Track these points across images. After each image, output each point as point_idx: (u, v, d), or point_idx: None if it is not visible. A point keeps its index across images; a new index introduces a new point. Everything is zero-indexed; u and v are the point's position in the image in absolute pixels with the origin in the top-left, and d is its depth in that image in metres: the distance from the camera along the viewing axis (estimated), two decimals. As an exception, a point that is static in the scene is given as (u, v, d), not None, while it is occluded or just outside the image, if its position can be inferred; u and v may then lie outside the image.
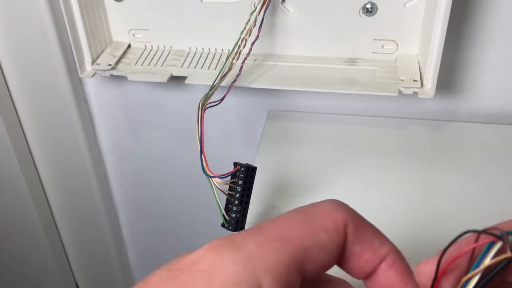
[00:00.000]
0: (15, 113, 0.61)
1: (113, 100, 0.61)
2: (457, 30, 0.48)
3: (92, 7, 0.51)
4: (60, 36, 0.54)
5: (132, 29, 0.54)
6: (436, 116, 0.54)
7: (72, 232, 0.75)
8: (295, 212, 0.22)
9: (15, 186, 0.65)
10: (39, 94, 0.59)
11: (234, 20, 0.49)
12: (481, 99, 0.53)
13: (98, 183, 0.68)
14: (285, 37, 0.51)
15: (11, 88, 0.59)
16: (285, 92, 0.55)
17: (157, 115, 0.61)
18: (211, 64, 0.51)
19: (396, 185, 0.45)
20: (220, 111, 0.55)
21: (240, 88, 0.51)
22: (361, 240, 0.22)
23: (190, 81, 0.50)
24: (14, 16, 0.53)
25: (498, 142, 0.50)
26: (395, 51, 0.49)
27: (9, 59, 0.57)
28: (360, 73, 0.49)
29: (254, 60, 0.51)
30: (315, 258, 0.21)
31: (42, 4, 0.51)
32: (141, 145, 0.65)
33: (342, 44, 0.50)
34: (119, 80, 0.58)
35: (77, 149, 0.64)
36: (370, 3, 0.47)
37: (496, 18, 0.47)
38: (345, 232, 0.21)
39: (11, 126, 0.61)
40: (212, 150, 0.54)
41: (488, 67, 0.50)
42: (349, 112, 0.55)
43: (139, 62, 0.52)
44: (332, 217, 0.21)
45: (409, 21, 0.47)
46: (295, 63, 0.51)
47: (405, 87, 0.46)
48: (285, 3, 0.49)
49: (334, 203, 0.22)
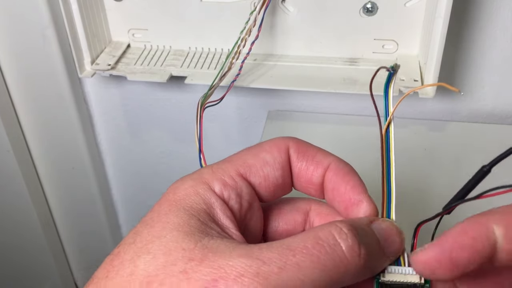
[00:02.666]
0: (14, 113, 0.61)
1: (113, 100, 0.61)
2: (457, 30, 0.48)
3: (91, 7, 0.51)
4: (60, 36, 0.54)
5: (131, 29, 0.53)
6: (436, 116, 0.54)
7: (72, 232, 0.75)
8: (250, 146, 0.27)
9: (15, 186, 0.65)
10: (38, 94, 0.59)
11: (234, 20, 0.49)
12: (481, 99, 0.52)
13: (97, 183, 0.68)
14: (285, 37, 0.51)
15: (10, 88, 0.59)
16: (285, 92, 0.55)
17: (156, 115, 0.61)
18: (210, 64, 0.51)
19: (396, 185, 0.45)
20: (220, 111, 0.55)
21: (240, 88, 0.51)
22: (304, 157, 0.26)
23: (189, 81, 0.50)
24: (13, 16, 0.53)
25: (498, 142, 0.50)
26: (396, 51, 0.49)
27: (8, 59, 0.56)
28: (360, 73, 0.49)
29: (254, 60, 0.51)
30: (259, 172, 0.26)
31: (42, 4, 0.51)
32: (141, 145, 0.65)
33: (342, 44, 0.50)
34: (118, 80, 0.58)
35: (76, 149, 0.64)
36: (371, 3, 0.47)
37: (497, 18, 0.47)
38: (287, 152, 0.26)
39: (10, 126, 0.60)
40: (211, 150, 0.54)
41: (489, 67, 0.50)
42: (349, 112, 0.55)
43: (138, 62, 0.52)
44: (274, 142, 0.26)
45: (410, 21, 0.47)
46: (295, 63, 0.51)
47: (406, 87, 0.46)
48: (285, 3, 0.48)
49: (281, 137, 0.27)
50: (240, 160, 0.26)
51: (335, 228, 0.21)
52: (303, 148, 0.26)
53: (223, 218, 0.24)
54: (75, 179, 0.68)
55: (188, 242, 0.21)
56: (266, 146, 0.27)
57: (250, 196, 0.25)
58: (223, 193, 0.24)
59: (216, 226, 0.23)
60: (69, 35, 0.50)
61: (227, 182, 0.25)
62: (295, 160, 0.26)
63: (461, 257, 0.20)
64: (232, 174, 0.25)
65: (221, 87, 0.46)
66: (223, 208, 0.24)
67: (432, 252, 0.21)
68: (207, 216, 0.23)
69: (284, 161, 0.26)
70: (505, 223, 0.21)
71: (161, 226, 0.23)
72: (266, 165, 0.26)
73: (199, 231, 0.22)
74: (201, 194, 0.24)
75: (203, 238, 0.22)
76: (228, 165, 0.26)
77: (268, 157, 0.26)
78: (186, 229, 0.22)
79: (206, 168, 0.26)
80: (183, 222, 0.22)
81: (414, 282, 0.23)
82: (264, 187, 0.26)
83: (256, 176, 0.26)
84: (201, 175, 0.25)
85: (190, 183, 0.25)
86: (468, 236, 0.21)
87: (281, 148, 0.26)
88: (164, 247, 0.21)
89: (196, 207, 0.23)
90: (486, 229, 0.21)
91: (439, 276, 0.21)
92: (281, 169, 0.26)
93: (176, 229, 0.22)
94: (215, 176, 0.25)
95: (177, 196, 0.24)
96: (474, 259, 0.20)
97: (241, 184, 0.25)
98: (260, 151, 0.26)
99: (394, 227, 0.24)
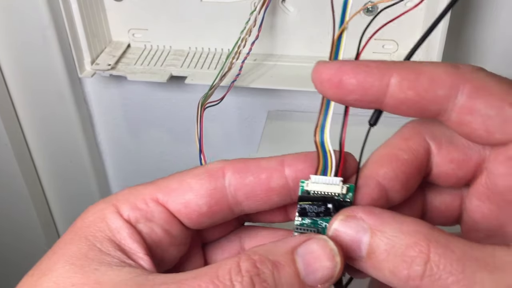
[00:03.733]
0: (14, 113, 0.61)
1: (113, 100, 0.61)
2: (457, 30, 0.48)
3: (91, 7, 0.51)
4: (60, 36, 0.54)
5: (131, 29, 0.53)
6: (436, 116, 0.54)
7: (72, 232, 0.75)
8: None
9: (14, 186, 0.65)
10: (38, 94, 0.59)
11: (234, 19, 0.49)
12: (481, 99, 0.52)
13: (97, 183, 0.68)
14: (285, 37, 0.51)
15: (10, 88, 0.59)
16: (285, 92, 0.55)
17: (156, 115, 0.61)
18: (211, 64, 0.51)
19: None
20: (220, 111, 0.55)
21: (240, 88, 0.51)
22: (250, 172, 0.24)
23: (190, 81, 0.50)
24: (13, 15, 0.53)
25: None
26: (396, 51, 0.49)
27: (8, 59, 0.56)
28: (360, 73, 0.49)
29: (254, 60, 0.51)
30: (179, 199, 0.24)
31: (42, 4, 0.51)
32: (141, 145, 0.65)
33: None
34: (118, 80, 0.58)
35: (76, 149, 0.64)
36: (371, 3, 0.47)
37: (497, 18, 0.47)
38: (222, 177, 0.24)
39: (10, 126, 0.60)
40: (211, 150, 0.54)
41: (489, 67, 0.50)
42: (349, 112, 0.55)
43: (138, 62, 0.52)
44: (207, 167, 0.25)
45: (410, 21, 0.47)
46: (295, 63, 0.51)
47: (406, 87, 0.46)
48: (285, 3, 0.48)
49: (217, 161, 0.25)
50: (164, 183, 0.25)
51: (235, 266, 0.20)
52: (243, 167, 0.24)
53: (131, 243, 0.23)
54: (75, 178, 0.68)
55: (80, 277, 0.21)
56: (196, 169, 0.25)
57: (164, 221, 0.24)
58: (129, 217, 0.23)
59: (121, 253, 0.22)
60: (69, 35, 0.50)
61: (137, 205, 0.24)
62: (236, 183, 0.24)
63: (350, 81, 0.22)
64: (146, 197, 0.24)
65: (221, 87, 0.46)
66: (131, 232, 0.23)
67: (334, 67, 0.22)
68: (110, 244, 0.22)
69: (214, 187, 0.24)
70: (403, 75, 0.21)
71: (57, 258, 0.22)
72: (190, 191, 0.24)
73: (97, 262, 0.21)
74: (107, 219, 0.23)
75: (98, 270, 0.21)
76: (148, 188, 0.25)
77: (193, 182, 0.24)
78: (82, 262, 0.21)
79: (126, 189, 0.25)
80: (81, 254, 0.22)
81: (336, 192, 0.23)
82: (184, 214, 0.24)
83: (176, 203, 0.24)
84: (116, 197, 0.24)
85: (100, 207, 0.24)
86: (370, 68, 0.22)
87: (213, 174, 0.24)
88: (53, 283, 0.21)
89: (99, 236, 0.23)
90: (383, 75, 0.21)
91: (328, 92, 0.23)
92: (209, 195, 0.24)
93: (70, 262, 0.21)
94: (127, 198, 0.24)
95: (85, 222, 0.23)
96: (362, 86, 0.22)
97: (154, 209, 0.24)
98: (187, 176, 0.25)
99: (328, 248, 0.20)
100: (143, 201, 0.24)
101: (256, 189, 0.24)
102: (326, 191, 0.23)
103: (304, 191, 0.23)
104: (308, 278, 0.20)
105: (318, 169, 0.24)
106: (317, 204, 0.23)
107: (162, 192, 0.24)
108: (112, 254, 0.22)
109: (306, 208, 0.23)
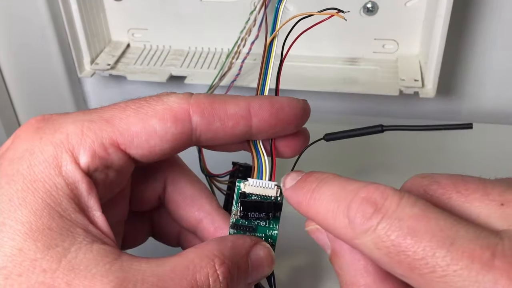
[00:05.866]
0: (13, 113, 0.61)
1: (112, 100, 0.60)
2: (458, 29, 0.48)
3: (91, 7, 0.50)
4: (59, 35, 0.54)
5: (131, 29, 0.53)
6: (437, 116, 0.54)
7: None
8: (137, 99, 0.23)
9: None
10: (38, 94, 0.59)
11: (234, 19, 0.49)
12: (482, 99, 0.52)
13: (97, 183, 0.68)
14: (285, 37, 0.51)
15: (10, 88, 0.59)
16: (285, 92, 0.55)
17: (156, 115, 0.61)
18: (210, 64, 0.51)
19: (396, 186, 0.45)
20: (220, 111, 0.54)
21: (240, 88, 0.51)
22: (217, 118, 0.23)
23: (189, 81, 0.50)
24: (13, 15, 0.53)
25: (498, 142, 0.49)
26: (396, 50, 0.49)
27: (7, 58, 0.56)
28: (360, 72, 0.49)
29: (254, 60, 0.51)
30: (143, 144, 0.22)
31: (41, 4, 0.51)
32: (141, 145, 0.65)
33: (343, 44, 0.50)
34: (118, 80, 0.58)
35: (76, 149, 0.64)
36: (371, 3, 0.47)
37: (497, 18, 0.47)
38: (189, 121, 0.22)
39: (9, 126, 0.60)
40: (211, 150, 0.54)
41: (489, 67, 0.50)
42: (349, 112, 0.55)
43: (138, 62, 0.52)
44: (171, 107, 0.23)
45: (410, 21, 0.47)
46: (295, 63, 0.51)
47: (406, 86, 0.46)
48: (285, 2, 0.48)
49: (180, 95, 0.24)
50: (123, 124, 0.22)
51: (213, 272, 0.21)
52: (213, 108, 0.23)
53: (88, 199, 0.21)
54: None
55: (49, 259, 0.18)
56: (160, 109, 0.23)
57: (120, 166, 0.22)
58: (88, 166, 0.21)
59: (80, 214, 0.20)
60: (68, 35, 0.49)
61: (96, 152, 0.21)
62: (205, 125, 0.23)
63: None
64: (105, 142, 0.21)
65: (221, 87, 0.46)
66: (88, 186, 0.21)
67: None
68: (69, 204, 0.20)
69: (181, 132, 0.23)
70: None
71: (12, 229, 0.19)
72: (154, 137, 0.22)
73: (63, 236, 0.19)
74: (64, 173, 0.20)
75: (69, 250, 0.18)
76: (105, 129, 0.22)
77: (158, 127, 0.22)
78: (46, 236, 0.18)
79: (75, 124, 0.21)
80: (43, 226, 0.19)
81: (271, 196, 0.25)
82: (145, 158, 0.23)
83: (139, 149, 0.22)
84: (67, 137, 0.21)
85: (51, 152, 0.20)
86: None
87: (179, 117, 0.23)
88: (19, 266, 0.18)
89: (57, 195, 0.20)
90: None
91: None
92: (173, 141, 0.23)
93: (33, 238, 0.18)
94: (84, 141, 0.21)
95: (34, 171, 0.20)
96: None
97: (114, 156, 0.22)
98: (150, 117, 0.22)
99: (270, 256, 0.24)
100: (102, 146, 0.21)
101: (220, 134, 0.23)
102: (261, 194, 0.25)
103: (242, 192, 0.25)
104: (251, 276, 0.23)
105: (253, 172, 0.26)
106: (253, 205, 0.25)
107: (123, 136, 0.22)
108: (73, 219, 0.20)
109: (242, 209, 0.24)
